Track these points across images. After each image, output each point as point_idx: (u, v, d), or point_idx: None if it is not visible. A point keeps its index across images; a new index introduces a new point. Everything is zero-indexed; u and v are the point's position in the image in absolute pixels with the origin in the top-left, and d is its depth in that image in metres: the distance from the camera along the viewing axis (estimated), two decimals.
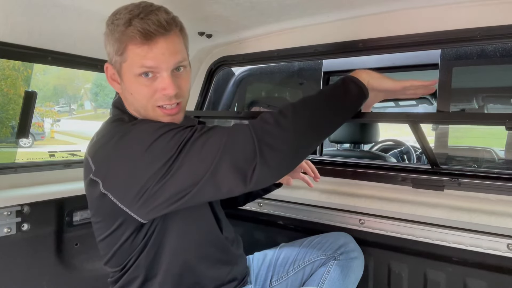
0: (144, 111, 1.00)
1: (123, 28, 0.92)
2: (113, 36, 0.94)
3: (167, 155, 0.85)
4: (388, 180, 1.53)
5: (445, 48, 1.41)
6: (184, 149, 0.85)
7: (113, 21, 0.95)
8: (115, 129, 0.97)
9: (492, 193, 1.34)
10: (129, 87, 0.98)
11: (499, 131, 2.29)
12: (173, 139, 0.86)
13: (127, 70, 0.96)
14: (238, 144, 0.83)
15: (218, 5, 1.41)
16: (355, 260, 1.41)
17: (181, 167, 0.84)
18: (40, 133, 11.51)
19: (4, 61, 5.68)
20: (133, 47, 0.92)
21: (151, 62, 0.92)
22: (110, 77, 1.04)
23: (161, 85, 0.95)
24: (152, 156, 0.86)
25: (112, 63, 1.00)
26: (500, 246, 1.31)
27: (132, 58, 0.93)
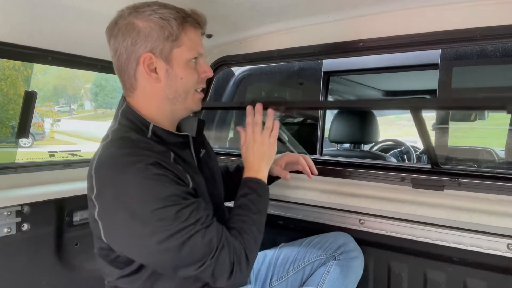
0: (185, 96, 1.07)
1: (180, 15, 1.01)
2: (164, 22, 0.98)
3: (166, 230, 0.88)
4: (388, 180, 1.53)
5: (445, 48, 1.41)
6: (183, 235, 0.89)
7: (155, 11, 0.98)
8: (123, 152, 0.94)
9: (492, 193, 1.34)
10: (179, 72, 1.04)
11: (499, 131, 2.28)
12: (178, 215, 0.89)
13: (179, 55, 1.02)
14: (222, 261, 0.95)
15: (218, 5, 1.41)
16: (355, 260, 1.41)
17: (169, 249, 0.89)
18: (40, 133, 11.51)
19: (4, 61, 5.68)
20: (191, 34, 1.03)
21: (201, 49, 1.07)
22: (147, 67, 1.01)
23: (203, 68, 1.09)
24: (152, 222, 0.88)
25: (154, 52, 1.00)
26: (500, 246, 1.31)
27: (187, 43, 1.02)
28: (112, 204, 0.91)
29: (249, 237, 1.04)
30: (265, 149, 1.21)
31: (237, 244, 0.99)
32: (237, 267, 0.96)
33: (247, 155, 1.21)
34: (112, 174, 0.92)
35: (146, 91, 1.05)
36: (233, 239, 1.00)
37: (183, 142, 1.13)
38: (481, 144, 2.38)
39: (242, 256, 0.99)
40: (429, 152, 1.32)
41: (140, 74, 1.02)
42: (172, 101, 1.06)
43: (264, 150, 1.20)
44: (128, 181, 0.89)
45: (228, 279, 0.96)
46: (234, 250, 0.98)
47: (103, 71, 1.79)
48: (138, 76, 1.03)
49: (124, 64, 1.03)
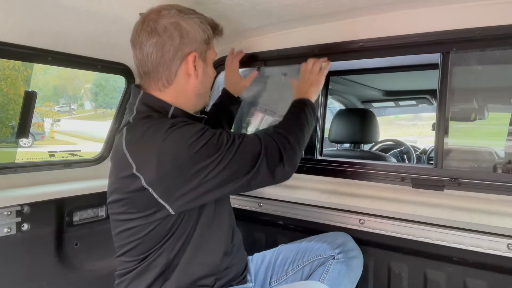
0: (207, 93, 1.24)
1: (211, 23, 1.16)
2: (203, 26, 1.13)
3: (211, 156, 0.99)
4: (388, 180, 1.53)
5: (445, 48, 1.41)
6: (228, 152, 1.01)
7: (196, 16, 1.12)
8: (153, 125, 1.02)
9: (492, 193, 1.34)
10: (209, 71, 1.21)
11: (499, 131, 2.28)
12: (216, 141, 1.01)
13: (210, 56, 1.19)
14: (271, 153, 1.09)
15: (219, 5, 1.41)
16: (354, 259, 1.41)
17: (224, 168, 1.00)
18: (40, 133, 11.51)
19: (4, 61, 5.68)
20: (215, 38, 1.20)
21: None
22: (191, 65, 1.12)
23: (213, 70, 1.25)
24: (197, 155, 0.98)
25: (197, 52, 1.12)
26: (500, 246, 1.31)
27: (213, 46, 1.19)
28: (158, 166, 0.96)
29: (290, 128, 1.20)
30: (313, 77, 1.46)
31: (277, 135, 1.14)
32: (285, 153, 1.11)
33: (299, 83, 1.47)
34: (148, 143, 0.99)
35: (180, 87, 1.13)
36: (272, 132, 1.16)
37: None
38: (481, 144, 2.37)
39: (285, 142, 1.13)
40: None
41: (181, 71, 1.12)
42: (200, 96, 1.19)
43: (313, 78, 1.46)
44: (164, 140, 0.97)
45: (282, 166, 1.09)
46: (278, 139, 1.12)
47: (103, 71, 1.79)
48: (179, 72, 1.11)
49: (169, 60, 1.09)
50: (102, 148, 2.00)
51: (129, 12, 1.44)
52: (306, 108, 1.33)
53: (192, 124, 1.03)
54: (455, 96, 1.45)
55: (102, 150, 2.00)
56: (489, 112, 2.19)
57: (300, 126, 1.25)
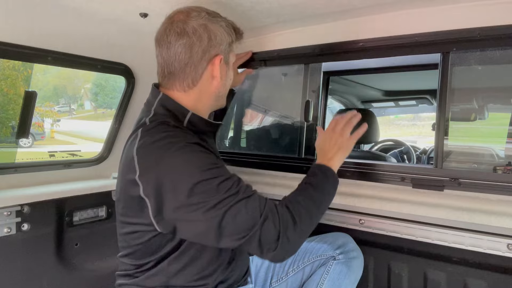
0: (223, 95, 1.22)
1: (234, 27, 1.19)
2: (229, 30, 1.15)
3: (206, 196, 0.93)
4: (388, 180, 1.53)
5: (445, 48, 1.41)
6: (222, 203, 0.94)
7: (222, 19, 1.15)
8: (167, 137, 1.00)
9: (492, 193, 1.34)
10: (231, 74, 1.22)
11: (499, 131, 2.28)
12: (217, 184, 0.95)
13: (232, 59, 1.20)
14: (267, 231, 0.96)
15: (218, 5, 1.41)
16: (355, 260, 1.41)
17: (213, 218, 0.93)
18: (40, 133, 11.50)
19: (4, 61, 5.68)
20: (237, 41, 1.22)
21: None
22: (217, 67, 1.13)
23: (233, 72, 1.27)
24: (195, 188, 0.92)
25: (223, 55, 1.14)
26: (500, 246, 1.31)
27: (234, 49, 1.21)
28: (158, 180, 0.95)
29: (300, 207, 1.05)
30: (343, 141, 1.25)
31: (284, 212, 1.01)
32: (284, 236, 0.97)
33: (323, 143, 1.27)
34: (156, 154, 0.97)
35: (203, 89, 1.14)
36: (280, 207, 1.02)
37: (211, 131, 1.26)
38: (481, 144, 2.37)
39: (289, 224, 0.99)
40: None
41: (207, 73, 1.12)
42: (220, 97, 1.21)
43: (342, 141, 1.25)
44: (173, 157, 0.95)
45: (275, 249, 0.97)
46: (281, 218, 0.99)
47: (103, 71, 1.80)
48: (204, 74, 1.12)
49: (197, 61, 1.10)
50: (102, 148, 2.00)
51: (129, 12, 1.44)
52: (328, 182, 1.17)
53: (205, 154, 0.99)
54: (455, 96, 1.45)
55: (102, 150, 2.00)
56: (489, 112, 2.19)
57: (315, 207, 1.10)
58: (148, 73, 1.90)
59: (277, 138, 2.25)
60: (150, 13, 1.46)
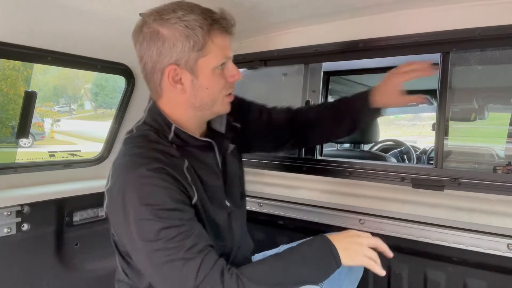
0: (212, 104, 1.03)
1: (207, 22, 0.95)
2: (190, 31, 0.94)
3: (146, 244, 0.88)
4: (388, 180, 1.53)
5: (445, 48, 1.41)
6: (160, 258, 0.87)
7: (180, 19, 0.94)
8: (134, 152, 0.98)
9: (492, 193, 1.34)
10: (205, 82, 1.00)
11: (499, 131, 2.28)
12: (161, 232, 0.87)
13: (205, 65, 0.98)
14: None
15: (218, 5, 1.41)
16: None
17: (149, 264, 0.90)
18: (40, 133, 11.49)
19: (4, 61, 5.68)
20: (218, 40, 0.97)
21: (230, 52, 1.01)
22: (172, 79, 0.98)
23: (231, 72, 1.03)
24: (136, 228, 0.89)
25: (179, 63, 0.97)
26: (500, 246, 1.31)
27: (214, 51, 0.97)
28: (115, 200, 0.93)
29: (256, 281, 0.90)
30: (358, 247, 1.04)
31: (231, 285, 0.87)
32: None
33: (341, 235, 1.06)
34: (120, 172, 0.96)
35: (171, 99, 1.03)
36: (228, 278, 0.88)
37: (207, 146, 1.09)
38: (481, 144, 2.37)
39: None
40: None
41: (165, 84, 1.00)
42: (198, 108, 1.04)
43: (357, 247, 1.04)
44: (130, 182, 0.91)
45: None
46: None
47: (103, 71, 1.79)
48: (163, 85, 1.01)
49: (150, 73, 1.01)
50: (102, 148, 2.00)
51: (129, 12, 1.44)
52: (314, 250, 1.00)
53: (162, 188, 0.90)
54: (455, 96, 1.45)
55: (102, 150, 2.00)
56: (489, 112, 2.19)
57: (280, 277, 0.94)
58: None
59: None
60: None
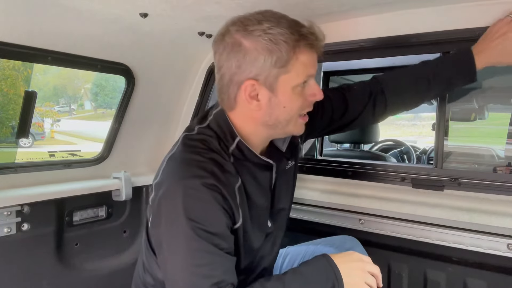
0: (286, 124, 0.98)
1: (294, 37, 0.89)
2: (274, 46, 0.89)
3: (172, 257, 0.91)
4: (388, 180, 1.53)
5: (445, 48, 1.41)
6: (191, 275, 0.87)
7: (265, 32, 0.89)
8: (192, 158, 0.95)
9: (492, 193, 1.34)
10: (283, 100, 0.94)
11: (499, 131, 2.28)
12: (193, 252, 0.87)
13: (286, 82, 0.93)
14: None
15: (218, 5, 1.41)
16: None
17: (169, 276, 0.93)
18: (40, 133, 11.49)
19: (4, 61, 5.68)
20: (303, 57, 0.91)
21: (314, 70, 0.95)
22: (249, 95, 0.93)
23: (313, 91, 0.97)
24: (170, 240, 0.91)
25: (258, 78, 0.91)
26: (500, 246, 1.31)
27: (298, 68, 0.92)
28: (159, 199, 0.93)
29: None
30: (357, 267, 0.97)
31: None
32: None
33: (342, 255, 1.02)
34: (173, 173, 0.95)
35: (244, 113, 0.99)
36: None
37: (266, 165, 1.06)
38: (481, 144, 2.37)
39: None
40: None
41: (240, 98, 0.96)
42: (271, 127, 0.99)
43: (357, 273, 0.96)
44: (180, 190, 0.89)
45: None
46: None
47: (103, 71, 1.79)
48: (238, 99, 0.96)
49: (226, 85, 0.96)
50: (102, 148, 2.00)
51: (129, 12, 1.44)
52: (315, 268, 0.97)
53: (207, 208, 0.88)
54: (455, 96, 1.45)
55: (102, 150, 1.99)
56: (489, 112, 2.19)
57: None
58: (148, 73, 1.90)
59: None
60: (150, 13, 1.46)
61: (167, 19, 1.51)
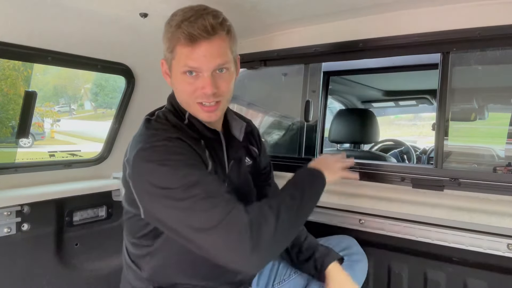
0: (186, 105, 1.11)
1: (174, 29, 1.01)
2: (166, 35, 1.05)
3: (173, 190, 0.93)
4: (388, 180, 1.53)
5: (445, 48, 1.41)
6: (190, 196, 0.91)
7: (169, 22, 1.05)
8: (152, 127, 1.07)
9: (492, 193, 1.34)
10: (175, 83, 1.09)
11: (499, 131, 2.28)
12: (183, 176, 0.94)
13: (175, 67, 1.06)
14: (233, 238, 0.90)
15: (218, 5, 1.41)
16: (358, 263, 1.40)
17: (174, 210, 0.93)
18: (40, 133, 11.49)
19: (4, 61, 5.68)
20: (180, 48, 1.02)
21: (193, 63, 1.02)
22: (164, 72, 1.13)
23: (201, 84, 1.04)
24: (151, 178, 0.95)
25: (166, 59, 1.10)
26: (500, 246, 1.31)
27: (179, 57, 1.03)
28: (135, 165, 0.99)
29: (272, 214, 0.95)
30: (328, 162, 1.27)
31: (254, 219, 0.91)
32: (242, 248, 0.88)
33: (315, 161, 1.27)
34: (139, 142, 1.02)
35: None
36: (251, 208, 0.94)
37: (216, 140, 1.17)
38: (481, 143, 2.38)
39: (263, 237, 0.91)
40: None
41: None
42: (184, 104, 1.12)
43: (327, 162, 1.27)
44: (148, 149, 0.98)
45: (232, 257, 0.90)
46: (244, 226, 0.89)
47: (103, 71, 1.80)
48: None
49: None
50: (102, 148, 2.00)
51: (129, 12, 1.44)
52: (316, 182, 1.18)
53: (181, 154, 0.98)
54: (455, 96, 1.45)
55: (102, 150, 2.00)
56: (489, 112, 2.20)
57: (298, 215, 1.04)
58: (148, 73, 1.90)
59: (277, 138, 2.25)
60: (150, 13, 1.46)
61: (167, 19, 1.51)
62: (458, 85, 1.45)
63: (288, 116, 2.23)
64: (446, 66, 1.41)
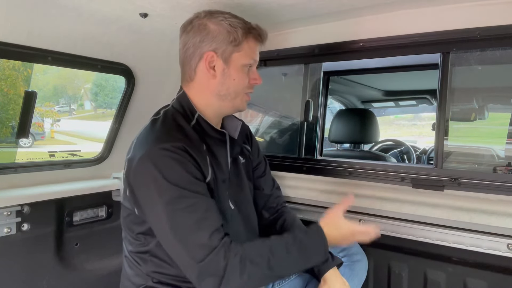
0: (234, 96, 1.19)
1: (246, 26, 1.17)
2: (232, 28, 1.14)
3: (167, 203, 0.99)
4: (388, 180, 1.53)
5: (445, 48, 1.41)
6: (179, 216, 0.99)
7: (226, 19, 1.15)
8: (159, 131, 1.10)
9: (492, 193, 1.34)
10: (233, 74, 1.17)
11: (499, 131, 2.28)
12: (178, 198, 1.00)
13: (237, 59, 1.16)
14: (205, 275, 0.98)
15: (218, 5, 1.41)
16: (358, 263, 1.40)
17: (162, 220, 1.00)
18: (40, 133, 11.49)
19: (4, 61, 5.67)
20: (252, 43, 1.18)
21: (257, 57, 1.21)
22: (208, 64, 1.15)
23: (254, 75, 1.22)
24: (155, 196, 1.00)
25: (217, 51, 1.14)
26: (500, 246, 1.31)
27: (247, 50, 1.17)
28: (135, 169, 1.04)
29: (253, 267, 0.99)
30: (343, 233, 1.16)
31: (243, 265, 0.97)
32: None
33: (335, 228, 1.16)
34: (144, 143, 1.07)
35: (201, 83, 1.18)
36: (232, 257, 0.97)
37: (221, 140, 1.22)
38: (481, 143, 2.38)
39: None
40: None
41: (200, 68, 1.16)
42: (222, 97, 1.19)
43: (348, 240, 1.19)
44: (152, 154, 1.02)
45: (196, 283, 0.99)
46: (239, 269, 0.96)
47: (103, 71, 1.79)
48: (198, 69, 1.17)
49: (189, 57, 1.17)
50: (102, 148, 2.00)
51: (129, 12, 1.44)
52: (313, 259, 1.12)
53: (180, 163, 1.02)
54: (455, 96, 1.45)
55: (102, 150, 2.00)
56: (489, 112, 2.20)
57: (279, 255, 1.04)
58: (148, 73, 1.90)
59: (277, 138, 2.25)
60: (150, 13, 1.46)
61: (167, 19, 1.51)
62: (458, 85, 1.45)
63: (288, 116, 2.23)
64: (446, 66, 1.41)
